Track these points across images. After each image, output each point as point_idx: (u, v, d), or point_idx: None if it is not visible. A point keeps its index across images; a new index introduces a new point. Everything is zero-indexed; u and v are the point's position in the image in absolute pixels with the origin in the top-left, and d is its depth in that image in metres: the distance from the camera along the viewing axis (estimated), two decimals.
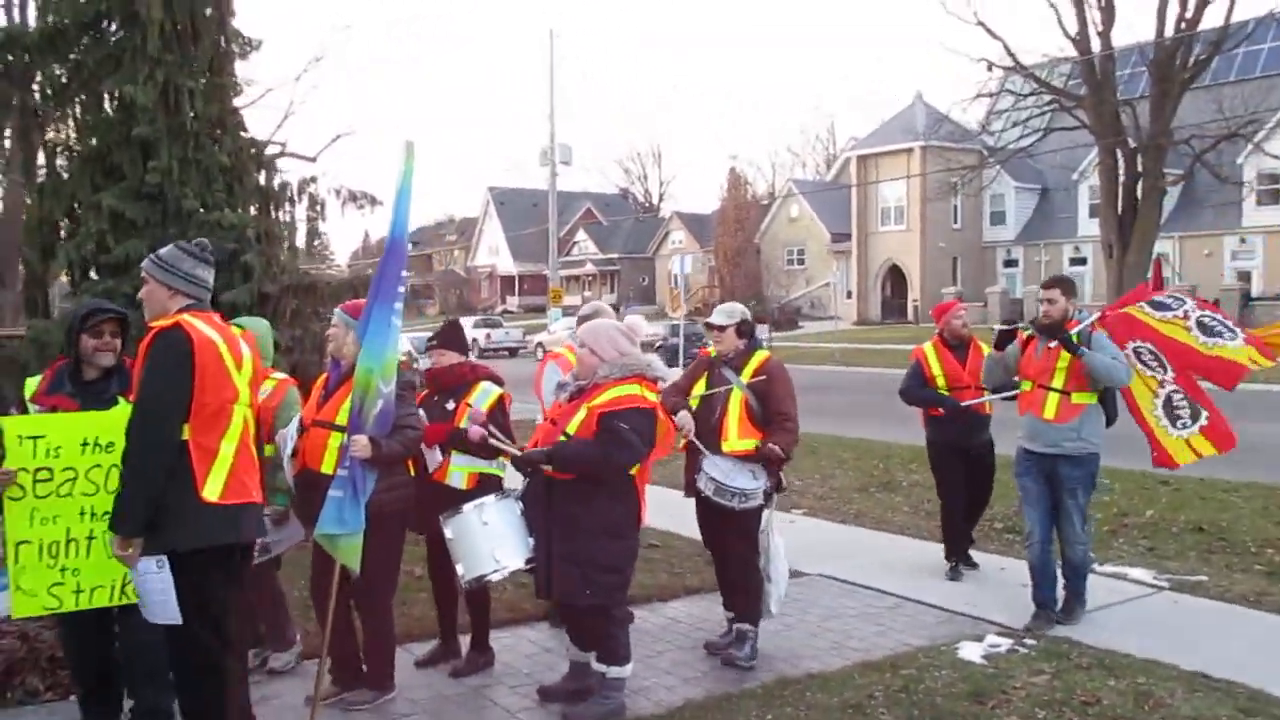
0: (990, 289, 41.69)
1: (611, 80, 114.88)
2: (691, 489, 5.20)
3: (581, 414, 4.40)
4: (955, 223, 46.37)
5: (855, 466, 11.55)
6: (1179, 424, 5.88)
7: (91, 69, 8.91)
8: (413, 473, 4.76)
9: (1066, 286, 5.92)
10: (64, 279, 9.40)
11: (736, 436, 5.15)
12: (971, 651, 5.34)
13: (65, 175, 8.99)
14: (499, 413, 4.97)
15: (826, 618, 6.07)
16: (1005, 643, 5.47)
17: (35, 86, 8.95)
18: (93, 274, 8.53)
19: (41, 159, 9.03)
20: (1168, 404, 5.92)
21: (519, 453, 4.49)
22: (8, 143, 12.99)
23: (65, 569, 3.92)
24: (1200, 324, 5.91)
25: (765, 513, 5.27)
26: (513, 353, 41.39)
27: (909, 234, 46.13)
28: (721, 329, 5.34)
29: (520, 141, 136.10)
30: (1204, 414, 5.87)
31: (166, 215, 8.74)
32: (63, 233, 9.00)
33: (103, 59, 8.83)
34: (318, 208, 10.24)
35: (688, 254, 61.25)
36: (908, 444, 12.12)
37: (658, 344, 33.58)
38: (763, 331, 41.09)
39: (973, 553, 7.22)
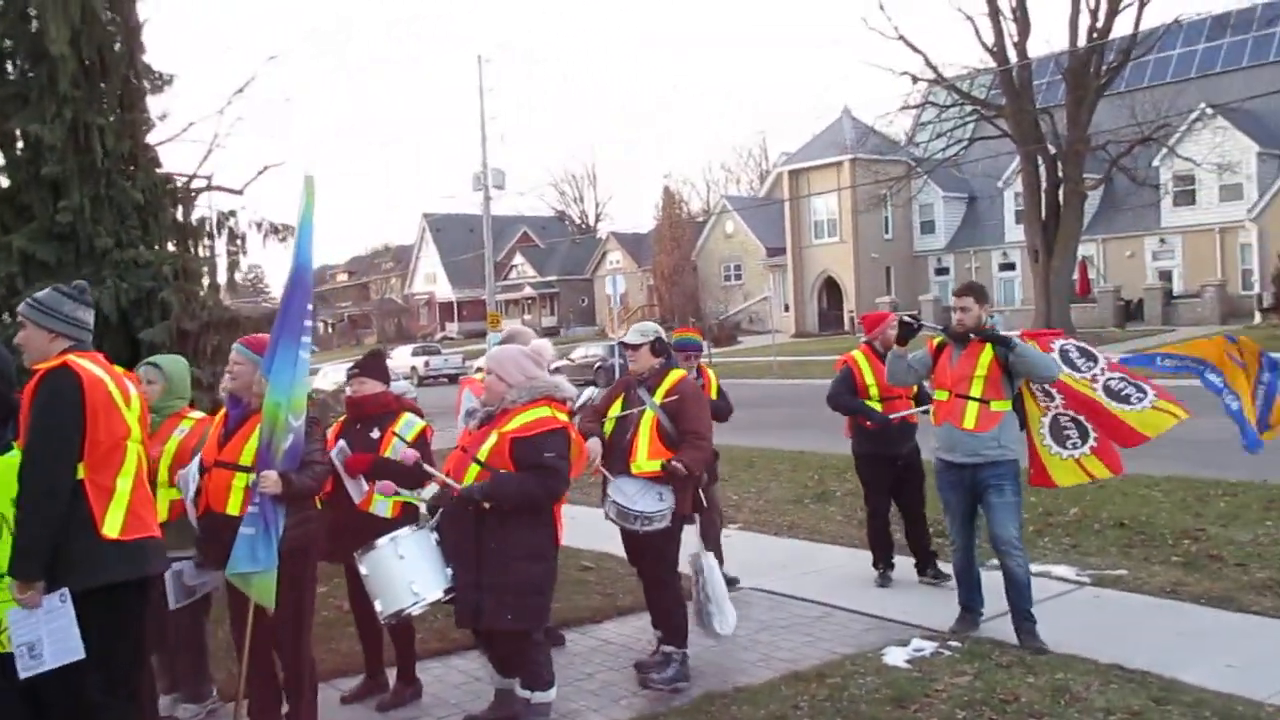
0: (923, 297, 42.40)
1: (544, 103, 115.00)
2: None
3: (493, 439, 4.39)
4: (887, 233, 47.13)
5: (790, 478, 11.65)
6: (1068, 444, 5.87)
7: None
8: (319, 506, 4.70)
9: (979, 294, 5.90)
10: None
11: (645, 457, 5.12)
12: (896, 656, 5.41)
13: None
14: (423, 445, 4.95)
15: (757, 630, 6.11)
16: (930, 646, 5.56)
17: None
18: (4, 317, 8.31)
19: None
20: (1054, 425, 5.91)
21: (459, 488, 4.37)
22: None
23: None
24: (1107, 388, 5.83)
25: (689, 533, 5.29)
26: (453, 379, 40.95)
27: (842, 246, 46.77)
28: (635, 348, 5.34)
29: (454, 168, 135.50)
30: (1093, 435, 5.84)
31: (80, 255, 8.58)
32: None
33: (9, 97, 8.67)
34: (238, 241, 10.12)
35: (620, 274, 61.57)
36: (842, 454, 12.20)
37: (597, 365, 33.62)
38: (704, 347, 41.40)
39: (899, 558, 7.29)
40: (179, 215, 9.53)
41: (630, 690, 5.18)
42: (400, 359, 42.77)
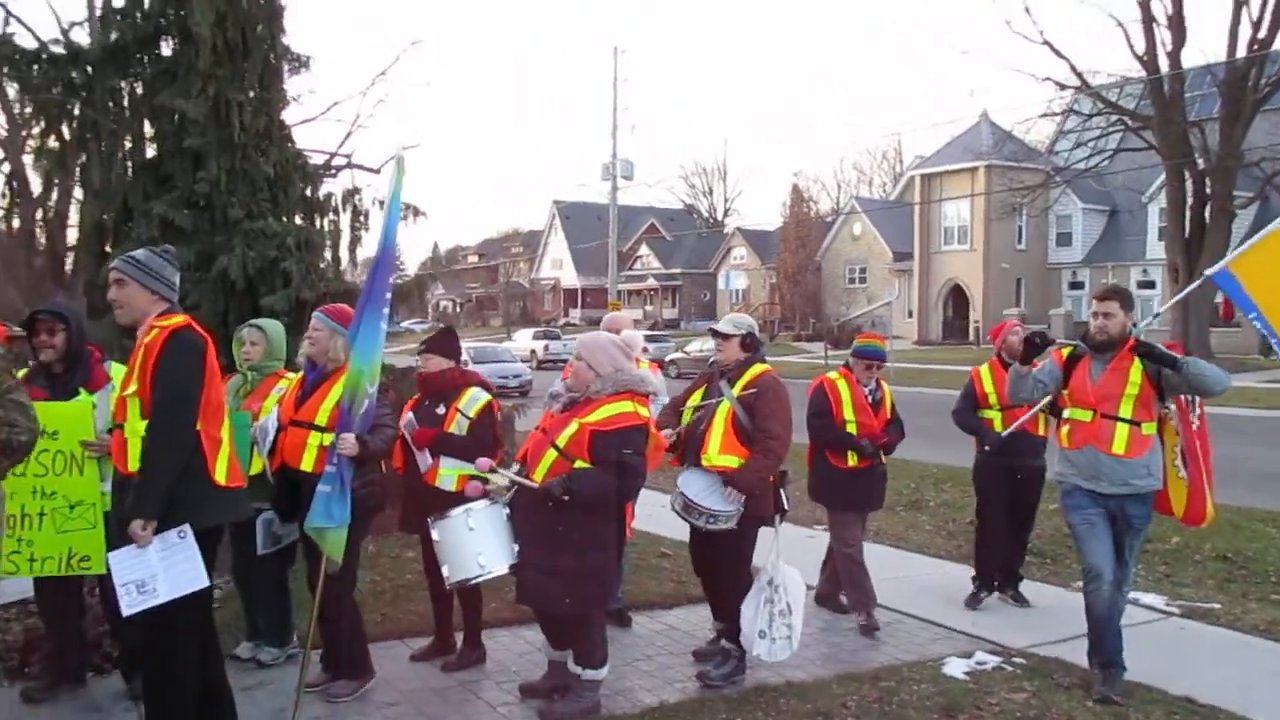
0: (1054, 311, 41.03)
1: (678, 96, 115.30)
2: None
3: (573, 427, 4.51)
4: (1020, 243, 45.74)
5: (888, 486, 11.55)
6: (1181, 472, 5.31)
7: (149, 83, 9.38)
8: (384, 471, 4.95)
9: (1124, 298, 5.21)
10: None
11: (716, 451, 5.07)
12: (956, 668, 5.38)
13: (118, 183, 9.46)
14: (488, 418, 5.15)
15: (823, 630, 6.15)
16: (993, 660, 5.50)
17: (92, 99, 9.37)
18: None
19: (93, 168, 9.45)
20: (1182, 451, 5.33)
21: (537, 485, 4.47)
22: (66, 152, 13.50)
23: (20, 539, 4.38)
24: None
25: (771, 535, 5.21)
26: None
27: (972, 254, 45.60)
28: (727, 338, 5.33)
29: (587, 157, 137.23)
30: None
31: (214, 223, 9.12)
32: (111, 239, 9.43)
33: (160, 73, 9.28)
34: (361, 218, 10.64)
35: (743, 269, 61.35)
36: (942, 464, 12.08)
37: (712, 360, 33.64)
38: (819, 349, 40.92)
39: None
40: (307, 191, 10.06)
41: (686, 676, 5.28)
42: (521, 342, 43.68)
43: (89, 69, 9.40)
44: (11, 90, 9.48)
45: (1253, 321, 5.61)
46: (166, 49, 9.38)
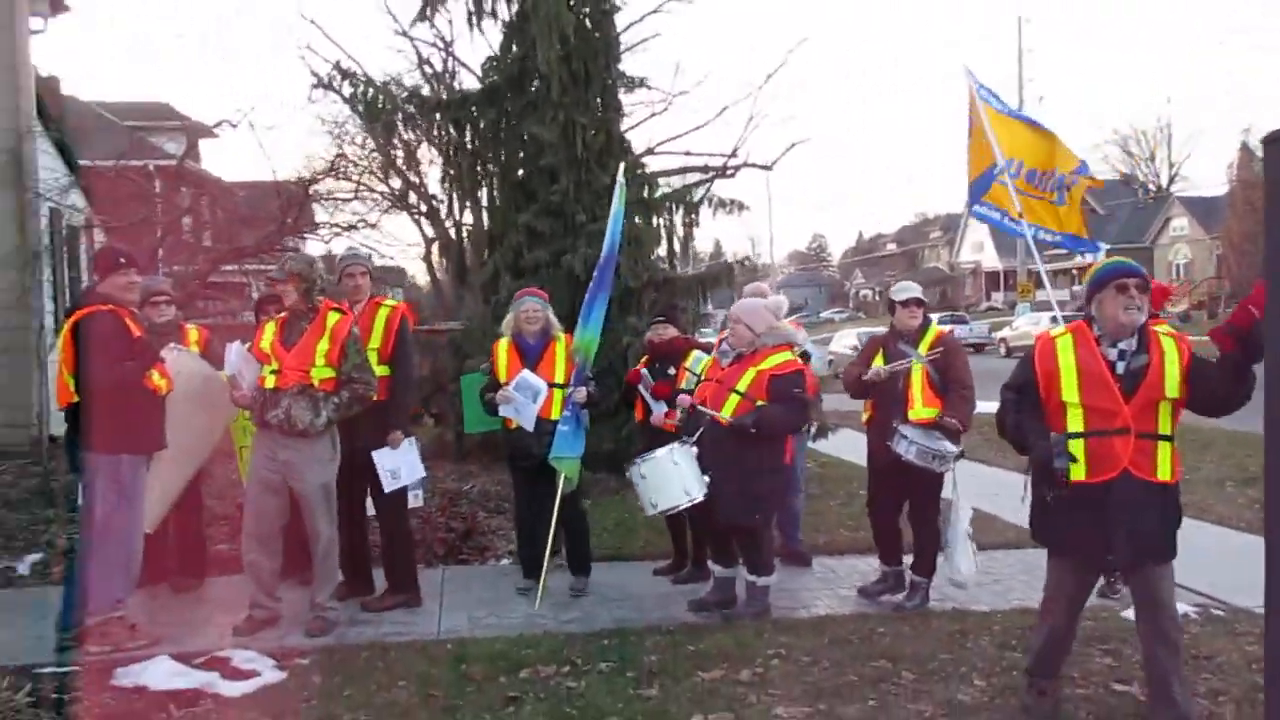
0: None
1: (1095, 61, 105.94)
2: (882, 454, 5.79)
3: (751, 374, 5.43)
4: None
5: (1223, 461, 10.92)
6: None
7: (517, 115, 11.41)
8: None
9: None
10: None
11: (922, 404, 5.73)
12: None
13: (498, 200, 11.61)
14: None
15: (1028, 570, 6.36)
16: (1190, 610, 5.42)
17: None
18: (507, 278, 10.91)
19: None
20: None
21: (728, 419, 5.39)
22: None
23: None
24: None
25: (949, 478, 5.76)
26: (978, 349, 40.62)
27: None
28: (920, 304, 5.99)
29: None
30: None
31: (566, 228, 10.93)
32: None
33: (525, 106, 11.26)
34: (692, 215, 12.02)
35: (1185, 242, 55.49)
36: None
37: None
38: None
39: None
40: (644, 193, 11.59)
41: (851, 595, 6.08)
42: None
43: (474, 108, 11.64)
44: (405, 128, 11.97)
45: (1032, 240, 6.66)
46: (529, 85, 11.35)
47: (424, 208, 17.53)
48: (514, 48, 11.38)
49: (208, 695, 4.45)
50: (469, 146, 11.85)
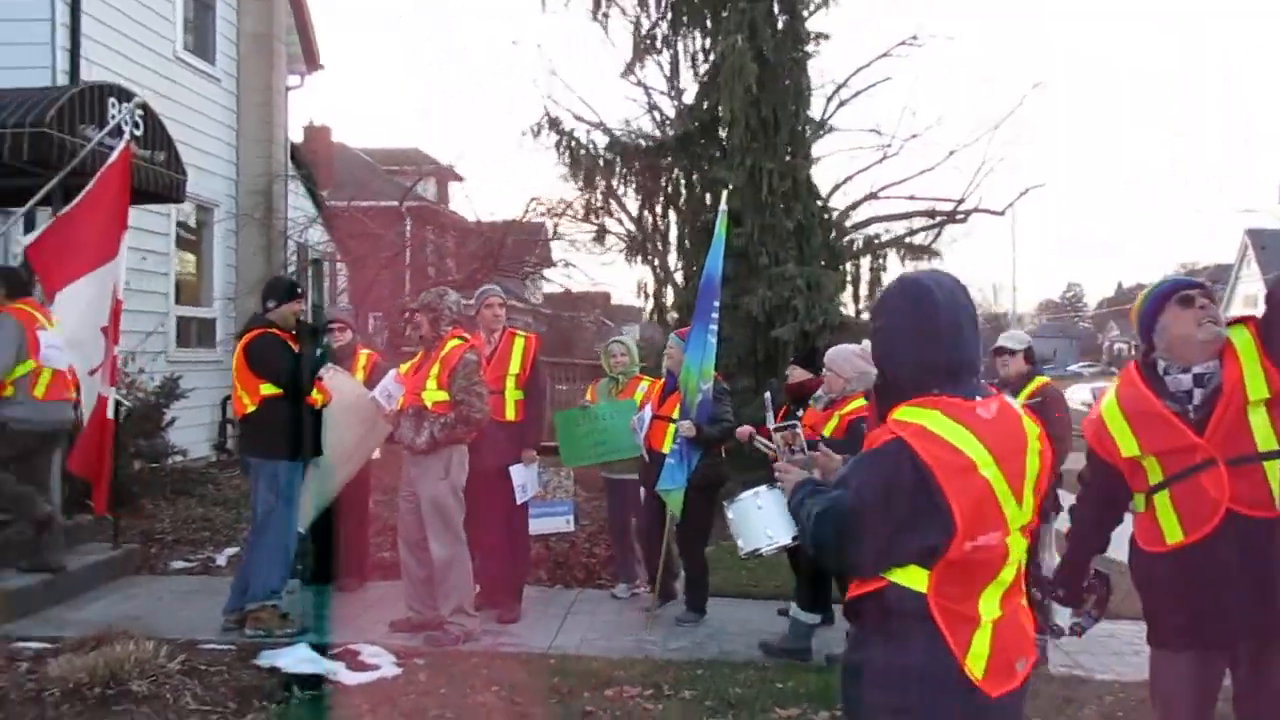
0: None
1: None
2: None
3: (835, 420, 5.46)
4: None
5: None
6: None
7: (709, 160, 11.79)
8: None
9: None
10: None
11: None
12: None
13: (688, 244, 12.01)
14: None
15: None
16: None
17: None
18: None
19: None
20: None
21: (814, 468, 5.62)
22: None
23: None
24: None
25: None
26: None
27: None
28: (1012, 353, 5.80)
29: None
30: None
31: (749, 270, 11.16)
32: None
33: (713, 153, 11.64)
34: (879, 260, 11.95)
35: None
36: None
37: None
38: None
39: None
40: (830, 238, 11.65)
41: None
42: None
43: (668, 155, 12.12)
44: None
45: None
46: (720, 132, 11.71)
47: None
48: (707, 96, 11.79)
49: (329, 682, 4.95)
50: (666, 192, 12.38)
